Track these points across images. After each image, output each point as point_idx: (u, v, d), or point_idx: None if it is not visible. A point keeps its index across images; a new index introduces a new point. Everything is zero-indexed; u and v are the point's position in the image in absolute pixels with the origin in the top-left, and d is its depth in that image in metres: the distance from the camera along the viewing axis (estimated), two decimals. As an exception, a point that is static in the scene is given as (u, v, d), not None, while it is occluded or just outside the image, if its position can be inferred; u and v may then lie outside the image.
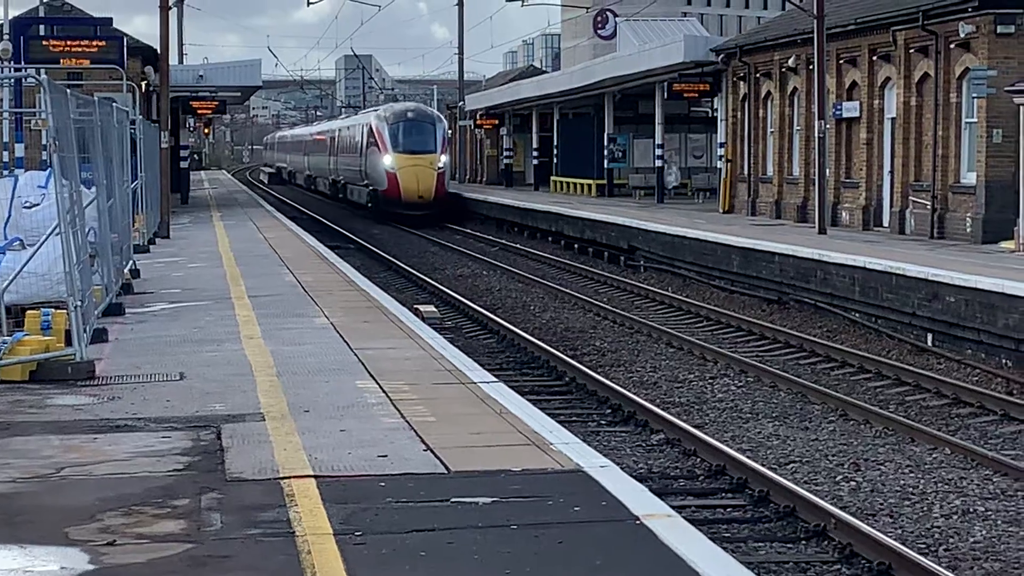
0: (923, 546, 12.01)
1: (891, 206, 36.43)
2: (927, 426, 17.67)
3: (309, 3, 74.38)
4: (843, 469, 15.26)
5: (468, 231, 58.84)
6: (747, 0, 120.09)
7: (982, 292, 23.07)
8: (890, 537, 11.84)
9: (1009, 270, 25.04)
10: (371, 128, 59.49)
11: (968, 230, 31.59)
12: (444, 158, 57.13)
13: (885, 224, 36.64)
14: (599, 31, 66.33)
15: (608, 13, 62.18)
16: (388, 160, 56.88)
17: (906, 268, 25.66)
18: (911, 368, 21.94)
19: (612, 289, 35.74)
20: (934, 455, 15.94)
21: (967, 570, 11.45)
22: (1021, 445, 17.02)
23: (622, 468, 11.01)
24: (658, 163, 53.95)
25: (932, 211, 33.42)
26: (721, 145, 50.21)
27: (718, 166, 51.26)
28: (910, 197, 35.10)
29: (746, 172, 47.05)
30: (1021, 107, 29.87)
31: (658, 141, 53.39)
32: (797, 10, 41.45)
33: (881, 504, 13.88)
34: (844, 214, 38.79)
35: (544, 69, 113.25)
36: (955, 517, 13.25)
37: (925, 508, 13.62)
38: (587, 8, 69.00)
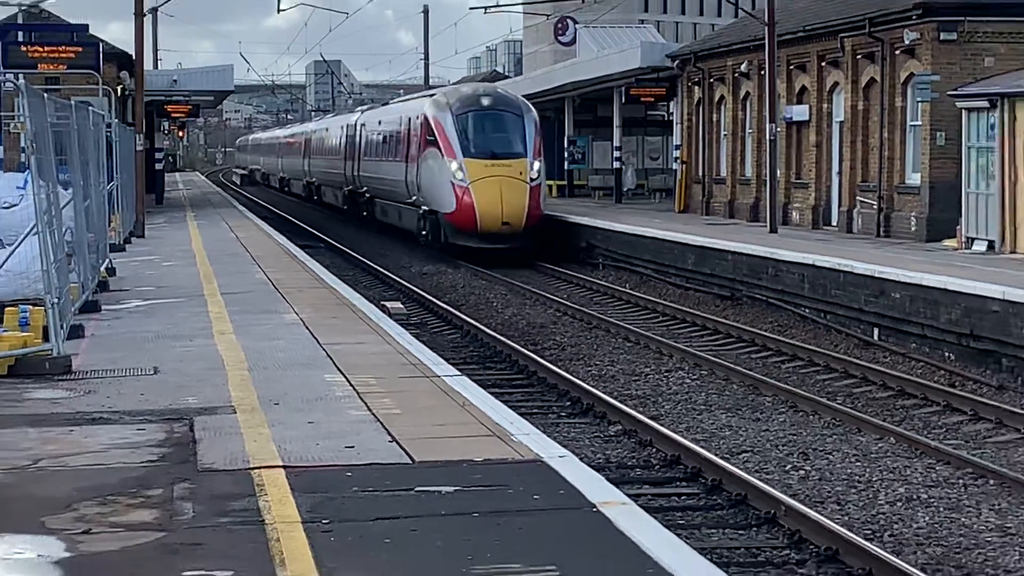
0: (868, 532, 12.19)
1: (839, 206, 37.34)
2: (873, 417, 17.97)
3: (280, 10, 70.29)
4: (793, 458, 15.46)
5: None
6: (701, 7, 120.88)
7: (926, 288, 23.72)
8: (837, 523, 12.00)
9: (952, 267, 25.73)
10: (426, 121, 38.87)
11: (913, 229, 32.46)
12: (538, 165, 37.03)
13: (834, 223, 37.50)
14: (559, 38, 66.32)
15: (568, 20, 62.51)
16: (456, 169, 36.33)
17: (854, 265, 26.27)
18: (858, 362, 22.37)
19: (572, 286, 36.07)
20: (879, 444, 16.23)
21: (910, 555, 11.60)
22: (963, 435, 17.37)
23: (580, 458, 11.15)
24: (616, 164, 54.42)
25: (879, 211, 34.30)
26: (677, 147, 51.03)
27: (674, 168, 52.27)
28: (857, 197, 36.01)
29: (701, 173, 47.94)
30: (963, 111, 30.75)
31: (616, 143, 53.83)
32: (749, 18, 42.13)
33: (829, 492, 14.10)
34: (794, 214, 39.67)
35: (507, 74, 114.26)
36: (899, 504, 13.49)
37: (871, 495, 13.83)
38: (548, 15, 68.80)
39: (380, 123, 50.39)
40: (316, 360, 15.96)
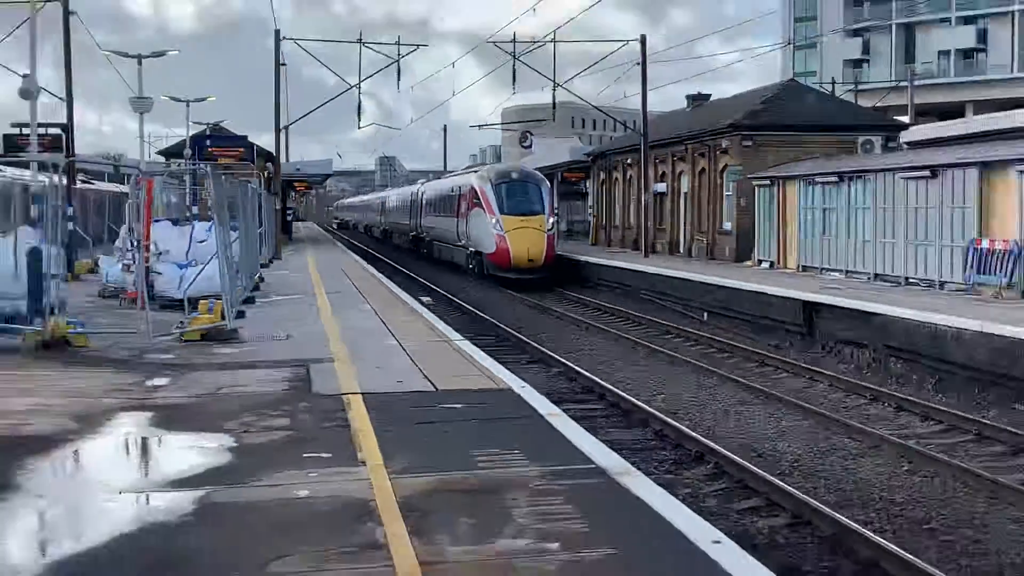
0: (703, 430, 17.11)
1: (685, 241, 52.83)
2: (703, 363, 24.54)
3: (359, 127, 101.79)
4: (656, 388, 21.56)
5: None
6: (605, 125, 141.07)
7: (733, 289, 32.69)
8: (683, 424, 17.21)
9: (748, 277, 34.87)
10: (472, 189, 50.44)
11: (727, 255, 46.02)
12: (552, 220, 48.16)
13: (681, 251, 52.62)
14: (522, 144, 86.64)
15: (527, 134, 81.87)
16: (495, 222, 47.47)
17: (691, 276, 37.03)
18: (693, 331, 30.59)
19: (523, 290, 44.52)
20: (707, 379, 22.56)
21: (724, 439, 16.32)
22: (749, 371, 24.03)
23: (534, 386, 14.65)
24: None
25: (707, 244, 48.95)
26: (591, 207, 70.72)
27: (589, 219, 71.27)
28: (695, 236, 51.01)
29: (604, 222, 66.57)
30: (756, 187, 43.26)
31: (555, 206, 62.10)
32: (633, 132, 58.70)
33: (677, 407, 19.54)
34: (659, 246, 54.11)
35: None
36: (719, 413, 19.05)
37: (701, 409, 19.44)
38: (517, 131, 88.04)
39: (437, 191, 65.01)
40: (380, 331, 20.68)
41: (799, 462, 15.00)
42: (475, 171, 59.01)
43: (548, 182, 53.25)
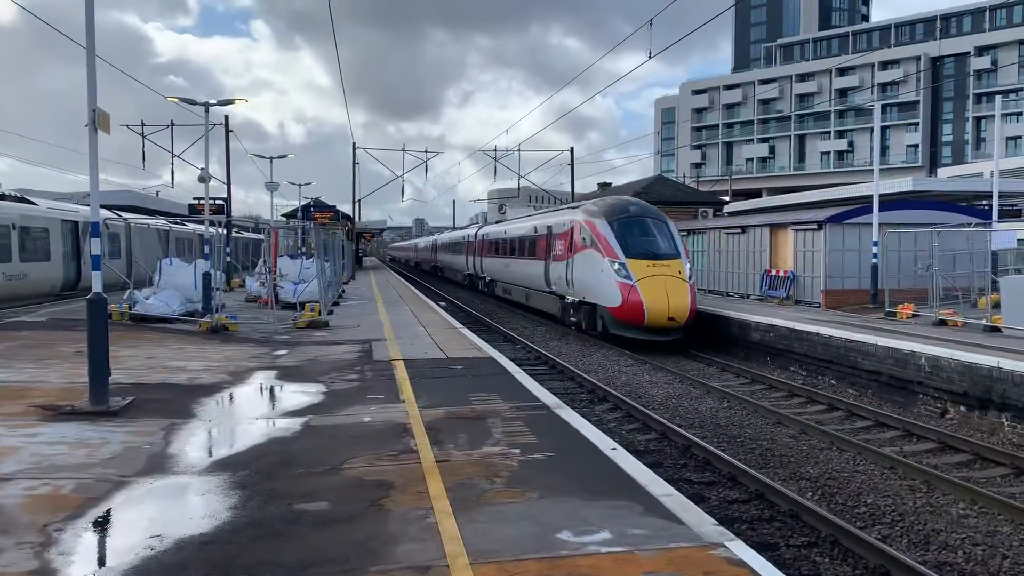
0: (617, 385, 16.09)
1: None
2: (609, 346, 21.68)
3: (403, 200, 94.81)
4: (581, 360, 19.59)
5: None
6: (550, 201, 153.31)
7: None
8: (596, 380, 16.20)
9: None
10: (580, 226, 24.54)
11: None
12: (688, 264, 23.04)
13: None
14: (500, 212, 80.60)
15: (503, 206, 75.12)
16: (618, 268, 22.63)
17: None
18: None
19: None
20: (616, 358, 20.01)
21: (620, 389, 15.58)
22: (656, 354, 20.37)
23: (506, 356, 14.67)
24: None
25: None
26: None
27: None
28: None
29: None
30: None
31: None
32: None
33: (596, 369, 18.27)
34: None
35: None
36: (623, 376, 17.42)
37: (614, 375, 17.60)
38: (496, 203, 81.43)
39: (506, 232, 36.54)
40: (414, 323, 20.08)
41: (664, 403, 14.83)
42: (572, 207, 29.06)
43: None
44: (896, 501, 8.77)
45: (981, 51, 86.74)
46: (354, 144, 51.35)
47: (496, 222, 50.24)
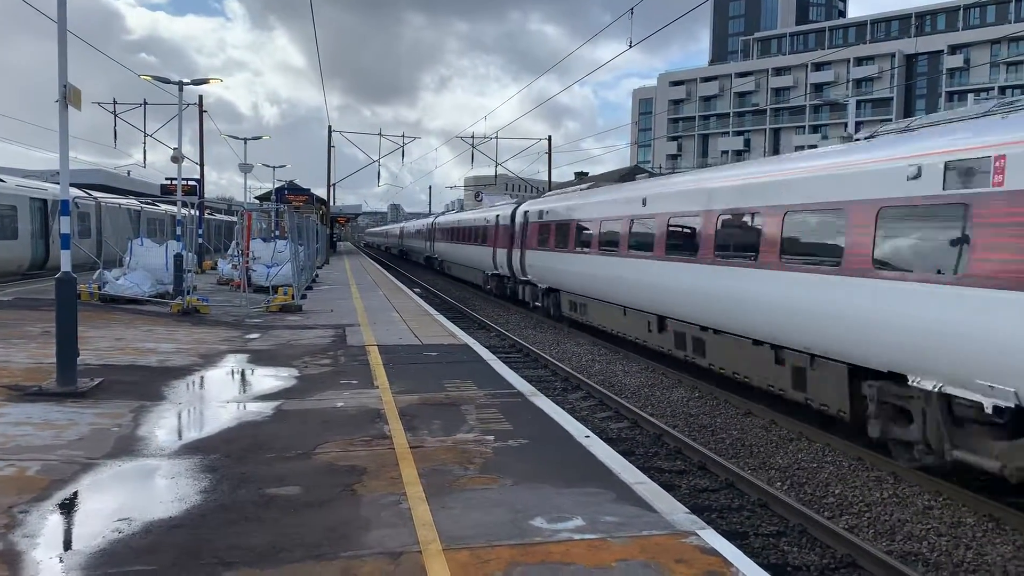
0: (591, 374, 15.95)
1: None
2: (583, 335, 20.20)
3: (379, 185, 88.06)
4: (551, 348, 19.45)
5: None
6: (526, 189, 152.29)
7: None
8: (570, 368, 16.08)
9: None
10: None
11: None
12: None
13: None
14: (476, 199, 79.62)
15: (480, 193, 74.32)
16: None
17: None
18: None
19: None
20: (590, 347, 19.46)
21: (594, 377, 15.37)
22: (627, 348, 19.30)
23: (481, 343, 14.73)
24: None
25: None
26: None
27: None
28: None
29: None
30: None
31: None
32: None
33: (570, 357, 18.07)
34: None
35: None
36: (596, 365, 17.08)
37: (587, 361, 17.56)
38: (473, 191, 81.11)
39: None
40: (389, 308, 20.08)
41: (636, 391, 14.66)
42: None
43: None
44: (863, 492, 8.87)
45: (954, 49, 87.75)
46: (330, 127, 50.89)
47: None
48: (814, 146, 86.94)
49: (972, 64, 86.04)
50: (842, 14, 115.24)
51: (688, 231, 13.90)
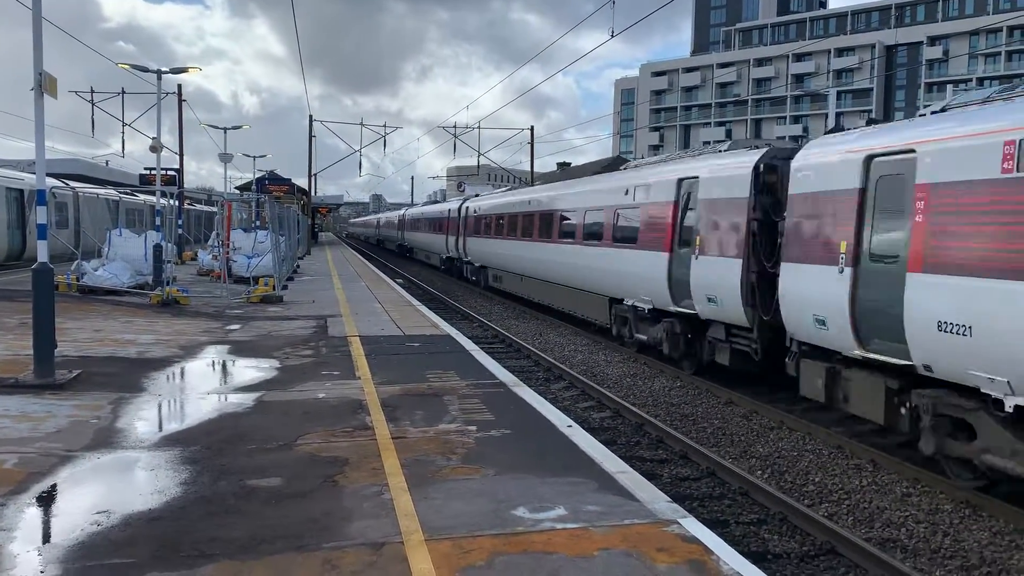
0: (573, 364, 15.87)
1: None
2: (565, 325, 19.68)
3: (360, 175, 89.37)
4: (536, 338, 19.33)
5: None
6: (508, 179, 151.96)
7: None
8: (552, 358, 15.99)
9: None
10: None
11: None
12: None
13: None
14: (459, 190, 79.60)
15: (463, 183, 74.00)
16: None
17: None
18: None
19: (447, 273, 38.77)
20: (573, 337, 19.38)
21: (576, 367, 15.35)
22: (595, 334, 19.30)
23: (464, 334, 14.74)
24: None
25: None
26: None
27: None
28: None
29: None
30: None
31: None
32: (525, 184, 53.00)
33: (552, 347, 18.00)
34: None
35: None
36: (579, 355, 16.87)
37: (569, 354, 17.22)
38: (455, 181, 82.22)
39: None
40: (371, 299, 20.03)
41: (618, 381, 14.57)
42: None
43: None
44: (843, 480, 8.94)
45: (933, 41, 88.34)
46: (311, 117, 50.64)
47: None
48: (798, 138, 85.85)
49: (951, 55, 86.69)
50: (823, 5, 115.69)
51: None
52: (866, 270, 9.03)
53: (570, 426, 7.64)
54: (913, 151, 8.40)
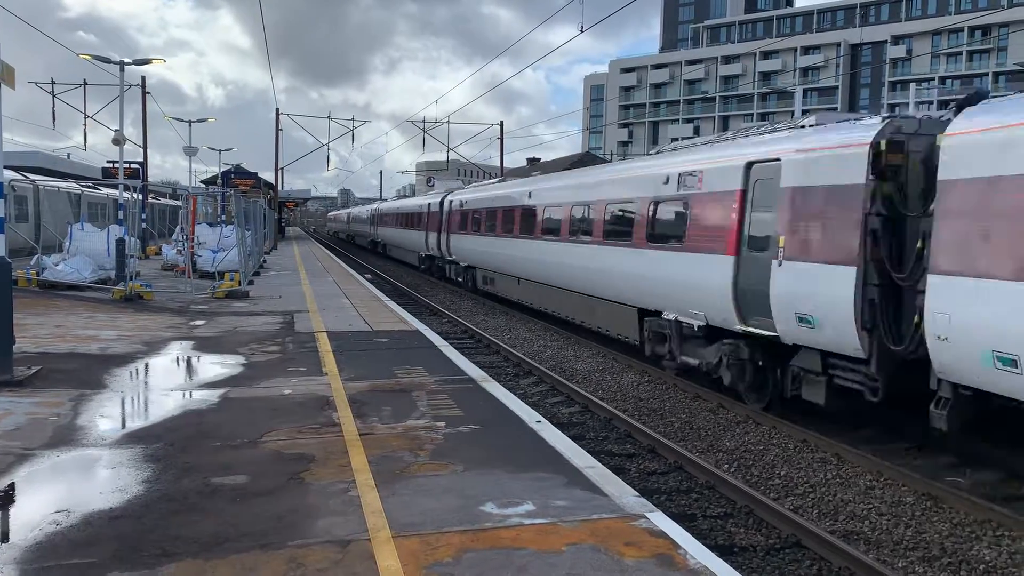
0: (543, 359, 15.81)
1: None
2: (536, 320, 19.90)
3: (328, 169, 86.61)
4: (507, 334, 19.03)
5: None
6: (477, 175, 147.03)
7: None
8: (522, 354, 15.89)
9: None
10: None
11: None
12: None
13: None
14: (428, 184, 79.29)
15: (432, 178, 73.81)
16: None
17: None
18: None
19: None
20: (542, 332, 18.73)
21: (545, 363, 15.25)
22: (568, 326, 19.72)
23: (432, 329, 14.76)
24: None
25: None
26: None
27: None
28: None
29: None
30: None
31: None
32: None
33: (521, 343, 17.75)
34: None
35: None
36: (548, 351, 16.74)
37: (539, 346, 17.32)
38: (425, 176, 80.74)
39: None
40: (339, 294, 19.91)
41: (587, 376, 14.55)
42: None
43: None
44: (808, 473, 9.04)
45: (897, 40, 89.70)
46: (277, 110, 49.92)
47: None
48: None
49: (914, 54, 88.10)
50: (789, 3, 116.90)
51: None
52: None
53: (539, 421, 7.64)
54: None
